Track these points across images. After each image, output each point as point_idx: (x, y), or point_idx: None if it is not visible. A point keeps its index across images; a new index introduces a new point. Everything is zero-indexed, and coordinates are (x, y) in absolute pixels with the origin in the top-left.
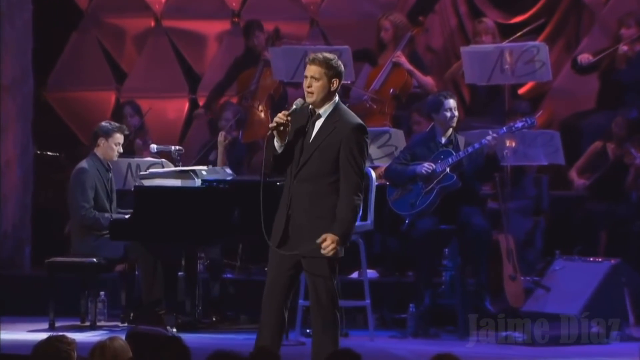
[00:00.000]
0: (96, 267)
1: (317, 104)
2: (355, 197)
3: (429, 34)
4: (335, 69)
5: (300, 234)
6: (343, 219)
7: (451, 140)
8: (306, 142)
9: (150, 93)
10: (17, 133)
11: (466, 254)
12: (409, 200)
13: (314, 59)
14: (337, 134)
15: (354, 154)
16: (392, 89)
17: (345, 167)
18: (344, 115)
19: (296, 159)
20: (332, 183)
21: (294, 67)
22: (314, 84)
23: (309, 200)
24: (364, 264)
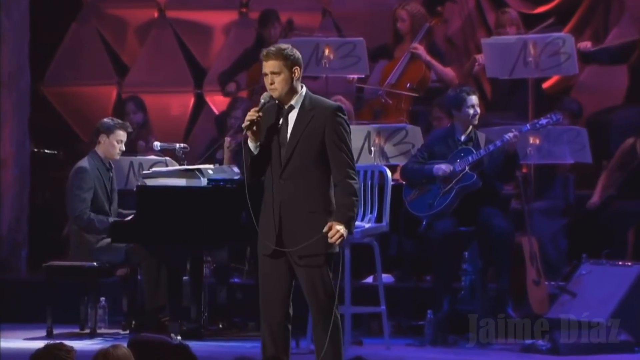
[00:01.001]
0: (96, 271)
1: (284, 97)
2: (352, 181)
3: (448, 25)
4: (292, 57)
5: (295, 233)
6: (344, 204)
7: (471, 137)
8: (283, 138)
9: (154, 88)
10: (13, 130)
11: (487, 257)
12: (427, 200)
13: (268, 54)
14: (317, 121)
15: (340, 136)
16: (409, 83)
17: (334, 152)
18: (318, 101)
19: (276, 158)
20: (320, 174)
21: (306, 59)
22: (276, 78)
23: (300, 196)
24: (378, 268)
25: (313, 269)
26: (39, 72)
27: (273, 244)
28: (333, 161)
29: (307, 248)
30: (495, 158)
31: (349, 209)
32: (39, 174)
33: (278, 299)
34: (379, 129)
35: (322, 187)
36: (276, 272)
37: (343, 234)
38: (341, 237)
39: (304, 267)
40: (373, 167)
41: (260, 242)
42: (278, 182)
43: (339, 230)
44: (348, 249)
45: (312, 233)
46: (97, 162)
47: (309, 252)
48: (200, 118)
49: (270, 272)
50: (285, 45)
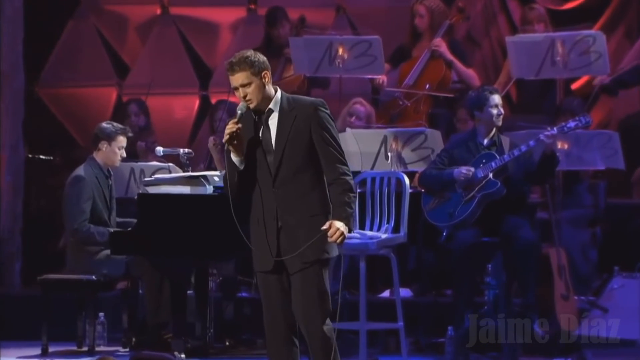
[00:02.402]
0: (95, 285)
1: (262, 105)
2: (347, 177)
3: (470, 22)
4: (257, 63)
5: (297, 241)
6: (342, 202)
7: (494, 141)
8: (267, 145)
9: (156, 89)
10: (6, 133)
11: (512, 270)
12: (447, 209)
13: (232, 66)
14: (301, 120)
15: (328, 132)
16: (428, 84)
17: (324, 149)
18: (297, 100)
19: (263, 167)
20: (312, 176)
21: (318, 59)
22: (248, 90)
23: (297, 201)
24: (396, 281)
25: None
26: (34, 72)
27: (273, 257)
28: (324, 159)
29: (305, 254)
30: (521, 164)
31: (347, 206)
32: (33, 181)
33: (283, 317)
34: (396, 133)
35: (317, 188)
36: (278, 288)
37: (344, 232)
38: (342, 235)
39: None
40: (390, 174)
41: (257, 259)
42: (270, 191)
43: (339, 229)
44: (363, 261)
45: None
46: (95, 169)
47: (306, 257)
48: (205, 121)
49: (272, 289)
50: (248, 52)
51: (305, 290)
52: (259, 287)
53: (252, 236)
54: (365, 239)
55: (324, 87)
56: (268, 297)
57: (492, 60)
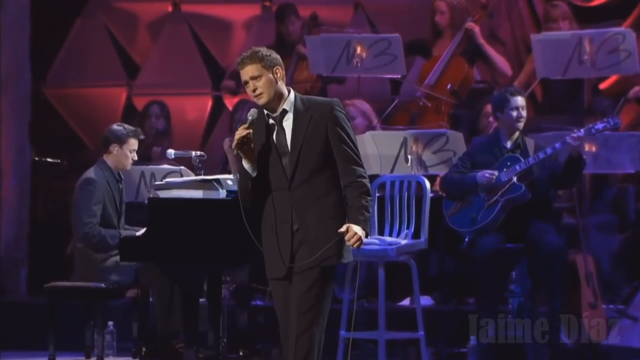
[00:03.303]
0: (104, 293)
1: (273, 102)
2: (364, 179)
3: (494, 20)
4: (269, 58)
5: (312, 245)
6: (360, 206)
7: (518, 144)
8: (282, 147)
9: (167, 89)
10: (12, 136)
11: (537, 277)
12: (470, 214)
13: (242, 60)
14: (317, 121)
15: (345, 131)
16: (449, 84)
17: (340, 149)
18: (311, 100)
19: (278, 170)
20: (328, 178)
21: (335, 58)
22: (258, 83)
23: (313, 204)
24: (416, 289)
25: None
26: (41, 71)
27: (287, 262)
28: (340, 159)
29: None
30: (547, 167)
31: (364, 209)
32: (40, 185)
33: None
34: (417, 135)
35: (333, 191)
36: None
37: (361, 237)
38: (359, 239)
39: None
40: (410, 178)
41: (270, 265)
42: (286, 194)
43: (356, 232)
44: (382, 268)
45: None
46: (106, 172)
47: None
48: (218, 123)
49: (285, 299)
50: (260, 48)
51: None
52: (272, 295)
53: (265, 242)
54: (384, 245)
55: (339, 83)
56: (283, 306)
57: (516, 58)
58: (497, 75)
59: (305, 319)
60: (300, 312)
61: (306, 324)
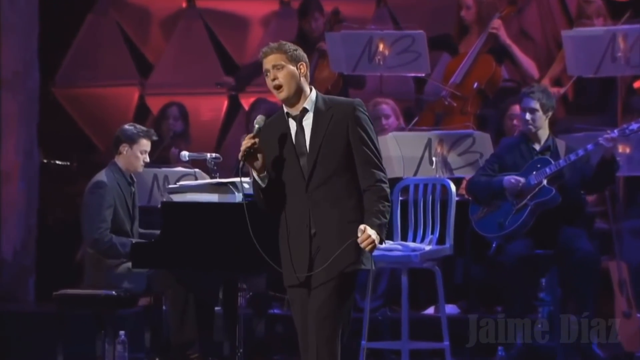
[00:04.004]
0: (115, 301)
1: (293, 98)
2: (384, 184)
3: (523, 15)
4: (294, 52)
5: (330, 250)
6: (377, 210)
7: (548, 145)
8: (301, 147)
9: (181, 89)
10: (20, 137)
11: (568, 285)
12: (497, 219)
13: (266, 50)
14: (338, 120)
15: (367, 133)
16: (476, 83)
17: (361, 151)
18: (334, 99)
19: (296, 171)
20: (348, 181)
21: (356, 56)
22: (279, 73)
23: (332, 207)
24: (441, 297)
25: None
26: (50, 70)
27: (305, 269)
28: (360, 162)
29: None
30: (578, 170)
31: (381, 214)
32: (48, 189)
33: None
34: (442, 136)
35: (353, 194)
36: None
37: (375, 241)
38: (373, 243)
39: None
40: (434, 180)
41: (287, 272)
42: (303, 197)
43: (370, 235)
44: (406, 275)
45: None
46: (117, 175)
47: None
48: (234, 124)
49: (303, 307)
50: (286, 42)
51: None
52: (290, 303)
53: (282, 248)
54: (408, 251)
55: (359, 87)
56: (301, 314)
57: (547, 56)
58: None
59: (325, 329)
60: (320, 322)
61: (326, 335)
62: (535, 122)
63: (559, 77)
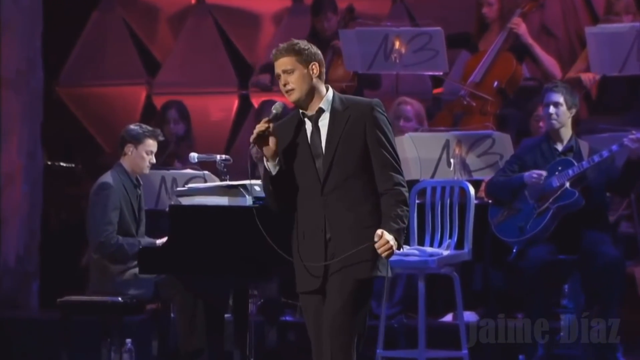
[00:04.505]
0: (121, 307)
1: (305, 100)
2: (402, 188)
3: (545, 11)
4: (307, 52)
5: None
6: (395, 215)
7: (571, 146)
8: (316, 148)
9: (190, 88)
10: (23, 138)
11: (592, 291)
12: (518, 223)
13: (276, 52)
14: (355, 121)
15: (385, 134)
16: (496, 82)
17: (378, 153)
18: (350, 99)
19: (311, 173)
20: (365, 184)
21: (372, 54)
22: (290, 78)
23: (348, 211)
24: (459, 304)
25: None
26: (54, 69)
27: (320, 275)
28: (377, 164)
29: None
30: (603, 172)
31: (399, 219)
32: (52, 192)
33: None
34: (460, 137)
35: (369, 198)
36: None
37: (393, 247)
38: (391, 249)
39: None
40: (453, 183)
41: (301, 278)
42: (318, 200)
43: (388, 241)
44: (423, 281)
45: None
46: (123, 177)
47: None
48: (245, 124)
49: (319, 313)
50: (299, 41)
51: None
52: (303, 310)
53: (294, 253)
54: (425, 256)
55: (373, 88)
56: (315, 321)
57: (570, 54)
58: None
59: (340, 338)
60: (335, 330)
61: (341, 344)
62: (559, 117)
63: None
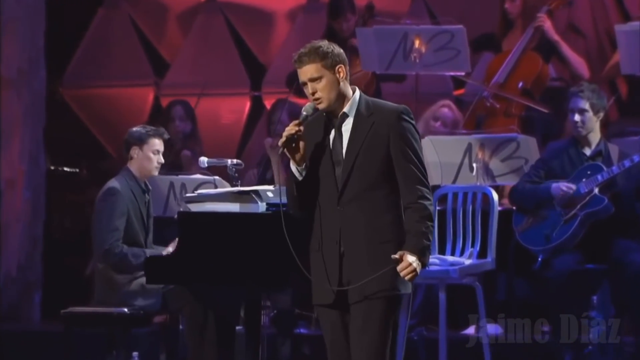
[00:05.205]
0: (128, 319)
1: (335, 105)
2: (427, 202)
3: (573, 9)
4: (331, 54)
5: (361, 271)
6: (418, 232)
7: (600, 150)
8: (337, 154)
9: (200, 89)
10: (24, 142)
11: (622, 302)
12: (544, 230)
13: (300, 58)
14: (380, 128)
15: (409, 145)
16: (521, 82)
17: (403, 165)
18: (377, 104)
19: (330, 180)
20: (386, 196)
21: (390, 53)
22: (318, 85)
23: (366, 224)
24: (482, 315)
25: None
26: (57, 69)
27: (332, 288)
28: (402, 177)
29: (370, 286)
30: (634, 176)
31: (424, 236)
32: (56, 198)
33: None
34: (483, 140)
35: (390, 210)
36: (340, 326)
37: (416, 269)
38: (414, 271)
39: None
40: (475, 189)
41: (316, 290)
42: (335, 210)
43: (411, 263)
44: (444, 292)
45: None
46: (131, 182)
47: (371, 291)
48: (257, 127)
49: (334, 327)
50: (321, 42)
51: (363, 330)
52: (319, 322)
53: (312, 263)
54: (446, 265)
55: (398, 81)
56: (330, 336)
57: (599, 54)
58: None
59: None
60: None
61: None
62: (585, 124)
63: (614, 78)
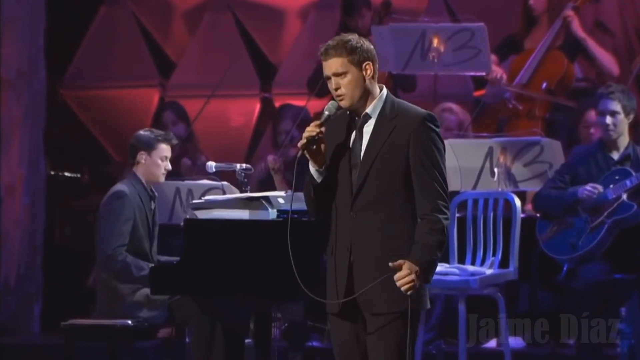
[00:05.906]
0: (131, 332)
1: (358, 104)
2: (442, 215)
3: (600, 6)
4: (360, 50)
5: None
6: (426, 243)
7: (628, 154)
8: (355, 156)
9: (207, 91)
10: (24, 145)
11: None
12: (569, 238)
13: (326, 50)
14: (401, 133)
15: (429, 155)
16: (545, 83)
17: (421, 175)
18: (402, 107)
19: (345, 184)
20: (402, 204)
21: (407, 53)
22: (342, 81)
23: (378, 233)
24: (504, 327)
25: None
26: (58, 69)
27: (341, 298)
28: (418, 187)
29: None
30: None
31: (430, 249)
32: (56, 205)
33: None
34: (505, 144)
35: (406, 220)
36: (351, 337)
37: (414, 281)
38: (411, 283)
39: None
40: (497, 195)
41: (330, 297)
42: (348, 216)
43: (409, 273)
44: (463, 303)
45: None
46: (138, 187)
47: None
48: (268, 130)
49: (345, 339)
50: (350, 36)
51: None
52: (331, 334)
53: (327, 270)
54: (466, 275)
55: (407, 90)
56: (342, 346)
57: (627, 52)
58: (603, 73)
59: None
60: None
61: None
62: (617, 126)
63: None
